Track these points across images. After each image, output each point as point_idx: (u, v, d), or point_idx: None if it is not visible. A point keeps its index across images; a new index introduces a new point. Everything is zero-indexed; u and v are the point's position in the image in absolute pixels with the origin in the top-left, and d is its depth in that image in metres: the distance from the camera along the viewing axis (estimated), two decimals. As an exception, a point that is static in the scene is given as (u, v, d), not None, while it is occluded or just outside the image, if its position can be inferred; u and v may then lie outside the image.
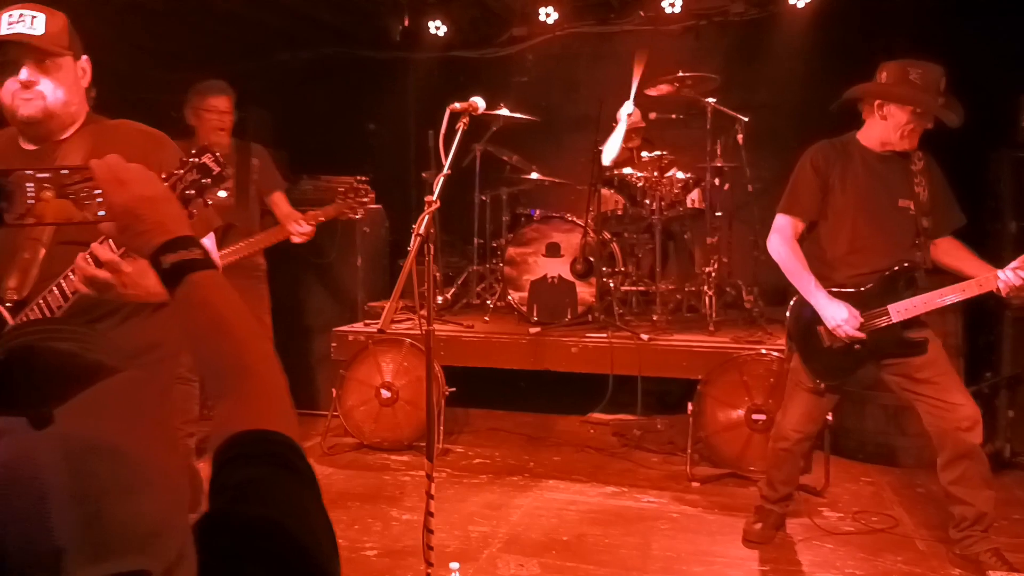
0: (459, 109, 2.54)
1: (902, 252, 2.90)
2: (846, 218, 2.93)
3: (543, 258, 4.92)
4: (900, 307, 2.81)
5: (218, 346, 1.01)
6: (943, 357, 2.88)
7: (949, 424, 2.79)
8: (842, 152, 2.96)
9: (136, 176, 1.11)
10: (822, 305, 2.84)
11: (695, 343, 4.30)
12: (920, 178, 2.91)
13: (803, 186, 2.95)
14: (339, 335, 4.75)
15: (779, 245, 2.97)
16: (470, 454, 4.46)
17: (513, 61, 7.01)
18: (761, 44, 6.20)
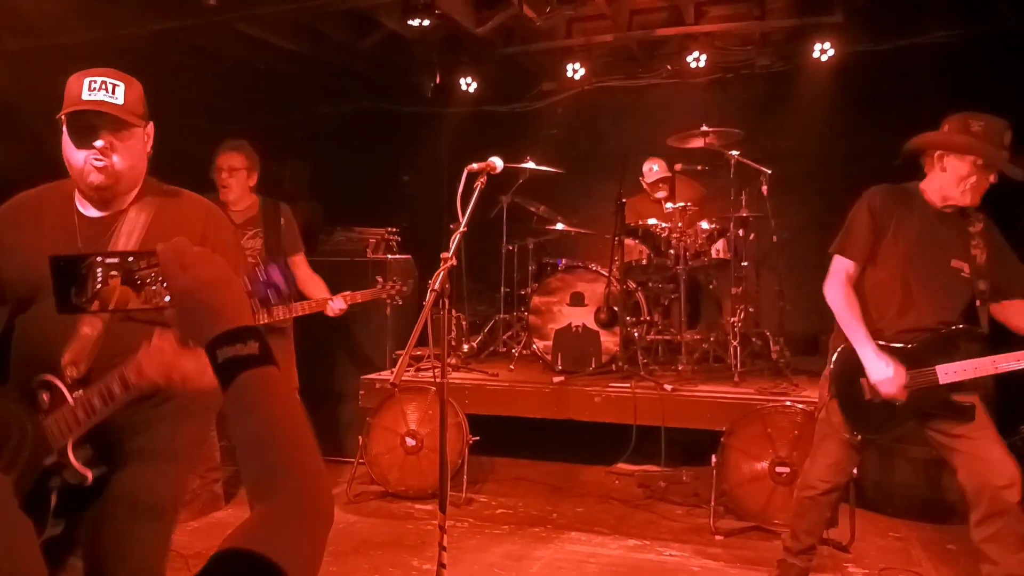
0: (476, 169, 2.64)
1: (949, 313, 2.81)
2: (896, 270, 2.84)
3: (568, 307, 4.99)
4: (949, 369, 2.71)
5: (259, 456, 0.94)
6: (983, 412, 2.79)
7: (986, 481, 2.71)
8: (902, 200, 2.88)
9: (199, 260, 1.06)
10: (869, 359, 2.78)
11: (719, 394, 4.30)
12: (978, 240, 2.80)
13: (858, 226, 2.87)
14: (367, 383, 4.85)
15: (835, 291, 2.88)
16: (493, 504, 4.47)
17: (542, 115, 7.19)
18: (786, 96, 6.28)
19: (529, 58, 6.65)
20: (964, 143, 2.72)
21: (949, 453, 2.83)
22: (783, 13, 5.70)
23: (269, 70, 6.28)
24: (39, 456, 1.70)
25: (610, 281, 4.85)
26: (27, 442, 1.64)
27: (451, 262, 2.37)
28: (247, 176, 4.03)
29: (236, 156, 4.00)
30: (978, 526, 2.78)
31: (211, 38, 5.36)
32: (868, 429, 2.91)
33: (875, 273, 2.89)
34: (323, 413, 5.18)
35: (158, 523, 1.96)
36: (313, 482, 0.94)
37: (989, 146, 2.70)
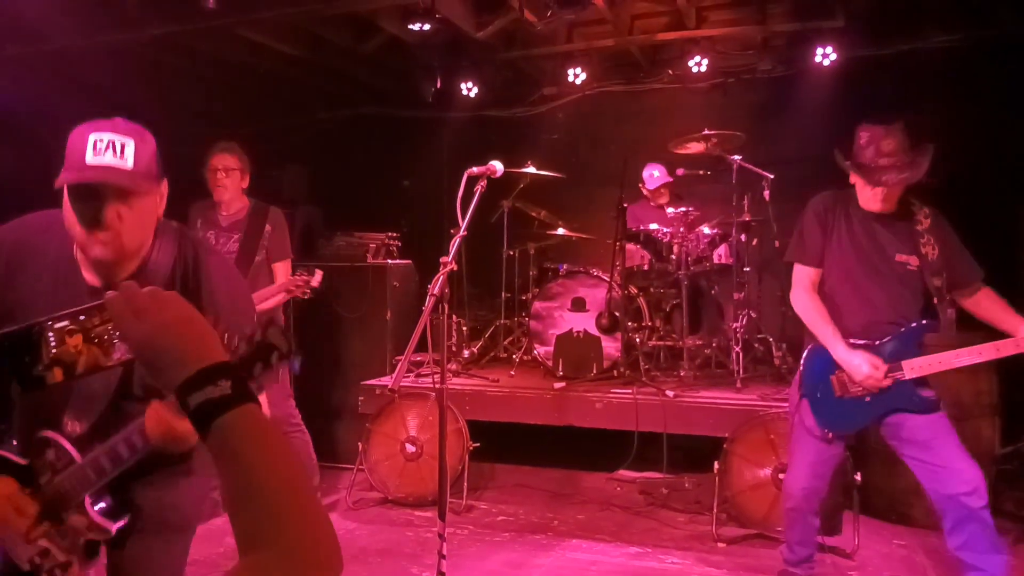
0: (477, 173, 2.62)
1: (905, 308, 2.88)
2: (846, 271, 2.95)
3: (569, 312, 4.96)
4: (915, 364, 2.78)
5: (246, 507, 0.86)
6: (944, 419, 2.84)
7: (949, 489, 2.75)
8: (841, 205, 2.98)
9: (152, 303, 0.96)
10: (843, 355, 2.83)
11: (721, 400, 4.27)
12: (927, 236, 2.88)
13: (808, 234, 2.99)
14: (366, 388, 4.82)
15: (799, 296, 2.99)
16: (494, 511, 4.44)
17: (543, 119, 7.18)
18: (787, 101, 6.25)
19: (530, 63, 6.64)
20: (840, 161, 2.90)
21: (911, 463, 2.87)
22: (784, 17, 5.68)
23: (270, 75, 6.28)
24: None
25: (611, 286, 4.82)
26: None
27: (451, 266, 2.35)
28: (240, 177, 3.99)
29: (229, 157, 3.96)
30: (951, 534, 2.83)
31: (211, 42, 5.36)
32: (838, 426, 2.93)
33: (831, 278, 2.96)
34: (322, 419, 5.15)
35: (182, 537, 1.91)
36: (307, 532, 0.85)
37: (859, 159, 2.83)
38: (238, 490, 0.87)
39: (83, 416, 1.72)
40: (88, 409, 1.72)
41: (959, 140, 5.61)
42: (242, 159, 4.00)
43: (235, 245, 3.97)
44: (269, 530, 0.85)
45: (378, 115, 7.33)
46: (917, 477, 2.89)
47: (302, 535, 0.85)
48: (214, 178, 3.97)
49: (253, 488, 0.87)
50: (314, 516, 0.87)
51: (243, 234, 3.97)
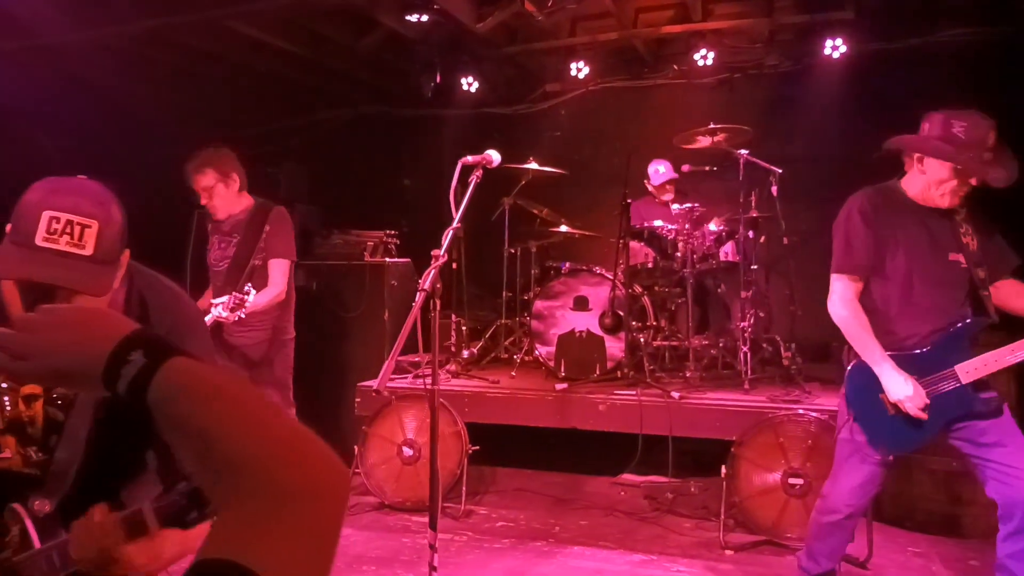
0: (472, 162, 2.50)
1: (958, 309, 2.68)
2: (899, 274, 2.70)
3: (571, 312, 4.83)
4: (969, 367, 2.57)
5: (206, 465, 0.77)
6: (1010, 419, 2.64)
7: (1018, 492, 2.54)
8: (890, 203, 2.73)
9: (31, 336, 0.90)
10: (888, 377, 2.62)
11: (728, 402, 4.12)
12: (966, 227, 2.69)
13: (857, 240, 2.71)
14: (363, 390, 4.69)
15: (840, 308, 2.74)
16: (494, 516, 4.30)
17: (546, 116, 7.06)
18: (795, 96, 6.12)
19: (532, 58, 6.52)
20: (943, 149, 2.57)
21: (978, 464, 2.66)
22: (792, 10, 5.55)
23: (269, 73, 6.18)
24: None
25: (615, 285, 4.68)
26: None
27: (442, 260, 2.22)
28: (225, 187, 3.80)
29: (204, 176, 3.76)
30: (1006, 540, 2.62)
31: (208, 38, 5.25)
32: (898, 446, 2.75)
33: (882, 283, 2.73)
34: (319, 421, 4.96)
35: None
36: (283, 460, 0.75)
37: (967, 152, 2.54)
38: (196, 453, 0.78)
39: (51, 493, 1.52)
40: (55, 487, 1.52)
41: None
42: (220, 168, 3.79)
43: (233, 250, 3.85)
44: (236, 478, 0.74)
45: (379, 114, 7.23)
46: (979, 477, 2.68)
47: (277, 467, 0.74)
48: (202, 201, 3.84)
49: (208, 441, 0.76)
50: (288, 441, 0.77)
51: (241, 237, 3.84)
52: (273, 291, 3.74)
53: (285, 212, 3.94)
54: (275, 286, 3.76)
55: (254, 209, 3.88)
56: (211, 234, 3.95)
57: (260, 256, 3.77)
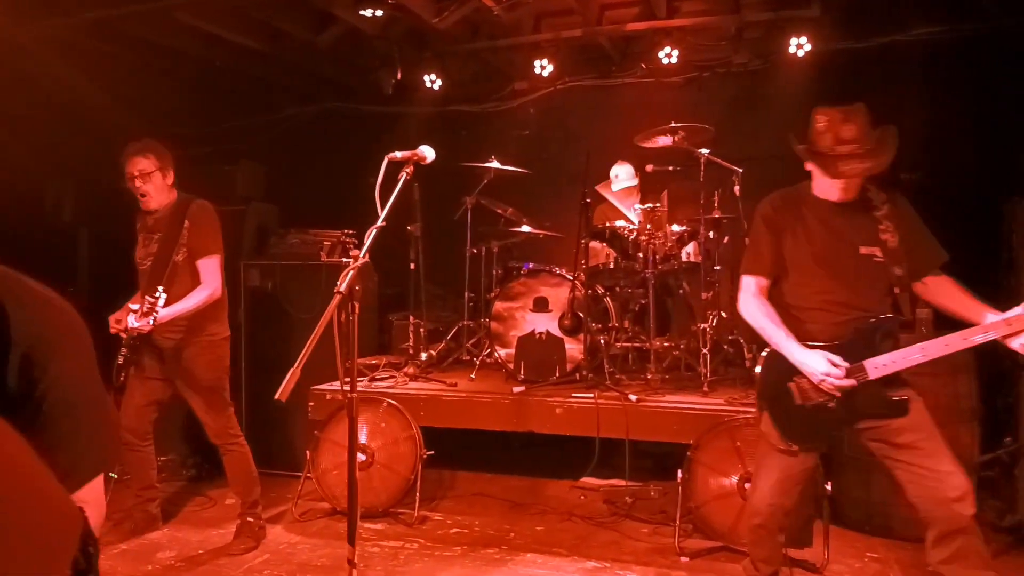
0: (400, 159, 2.39)
1: (873, 303, 2.65)
2: (806, 270, 2.70)
3: (531, 313, 4.74)
4: (878, 363, 2.55)
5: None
6: (927, 420, 2.60)
7: (937, 495, 2.49)
8: (794, 202, 2.76)
9: None
10: (799, 357, 2.58)
11: (686, 405, 4.04)
12: (886, 223, 2.65)
13: (759, 244, 2.77)
14: (316, 394, 4.57)
15: (747, 302, 2.76)
16: (448, 522, 4.20)
17: (514, 115, 6.95)
18: (763, 95, 6.08)
19: (497, 55, 6.42)
20: (803, 153, 2.66)
21: (894, 466, 2.62)
22: (758, 7, 5.48)
23: (228, 69, 6.04)
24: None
25: (574, 285, 4.60)
26: None
27: (362, 261, 2.11)
28: (162, 176, 3.69)
29: (144, 159, 3.64)
30: (935, 546, 2.56)
31: (157, 31, 5.11)
32: (804, 438, 2.69)
33: (791, 280, 2.75)
34: (275, 425, 4.91)
35: None
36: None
37: (818, 149, 2.60)
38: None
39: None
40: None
41: (940, 135, 5.45)
42: (161, 156, 3.68)
43: (155, 247, 3.72)
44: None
45: (344, 111, 7.10)
46: (899, 482, 2.63)
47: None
48: (134, 187, 3.68)
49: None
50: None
51: (163, 233, 3.71)
52: (205, 291, 3.61)
53: (207, 206, 3.78)
54: (207, 286, 3.64)
55: (175, 204, 3.75)
56: (138, 232, 3.82)
57: (181, 252, 3.65)
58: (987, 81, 5.24)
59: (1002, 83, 5.13)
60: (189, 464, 5.06)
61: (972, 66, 5.30)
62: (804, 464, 2.73)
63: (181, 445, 5.04)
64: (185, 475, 5.00)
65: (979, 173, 5.12)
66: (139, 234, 3.84)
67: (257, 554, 3.74)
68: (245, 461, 3.91)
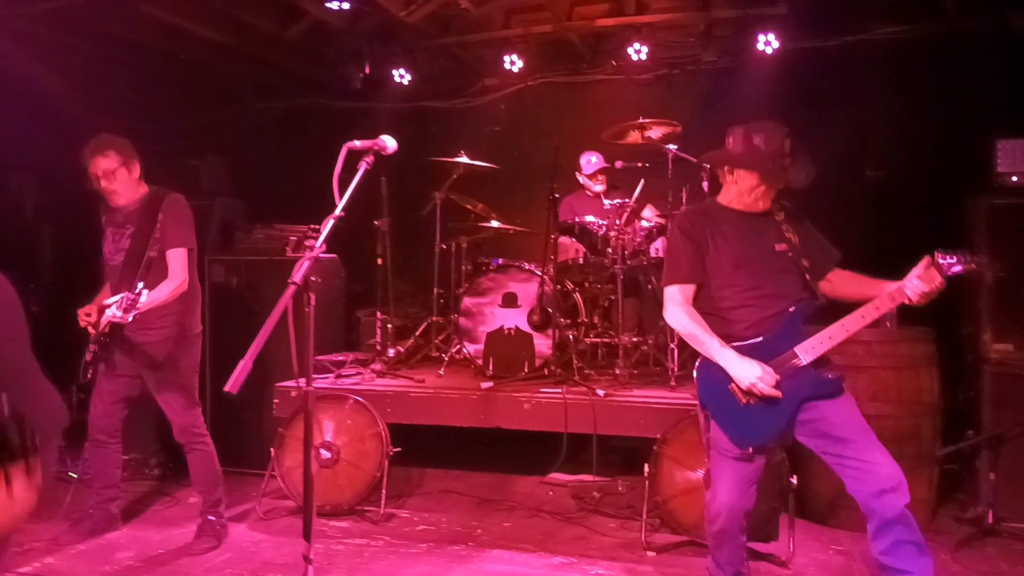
0: (360, 148, 2.35)
1: (794, 292, 2.77)
2: (729, 273, 2.79)
3: (500, 309, 4.72)
4: (807, 346, 2.64)
5: None
6: (857, 412, 2.69)
7: (872, 487, 2.56)
8: (706, 215, 2.90)
9: None
10: (732, 365, 2.64)
11: (653, 399, 4.05)
12: (786, 226, 2.84)
13: (679, 254, 2.86)
14: (281, 391, 4.51)
15: (674, 312, 2.82)
16: (415, 519, 4.17)
17: (485, 111, 6.93)
18: (732, 92, 6.09)
19: (468, 51, 6.40)
20: (746, 160, 2.78)
21: (834, 462, 2.69)
22: (726, 5, 5.51)
23: (194, 63, 5.94)
24: None
25: (543, 281, 4.58)
26: None
27: (317, 251, 2.07)
28: (127, 172, 3.61)
29: (105, 159, 3.55)
30: (875, 538, 2.64)
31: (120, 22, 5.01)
32: (755, 438, 2.70)
33: (714, 284, 2.82)
34: (239, 423, 4.84)
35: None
36: None
37: (768, 160, 2.74)
38: None
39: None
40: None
41: (905, 133, 5.52)
42: (122, 151, 3.59)
43: (127, 242, 3.65)
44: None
45: (314, 106, 7.02)
46: (840, 477, 2.69)
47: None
48: (99, 188, 3.60)
49: None
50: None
51: (135, 227, 3.63)
52: (172, 283, 3.54)
53: (181, 199, 3.72)
54: (174, 277, 3.56)
55: (147, 198, 3.67)
56: (105, 226, 3.74)
57: (156, 247, 3.56)
58: (949, 80, 5.31)
59: (964, 82, 5.21)
60: (153, 463, 4.97)
61: (935, 65, 5.37)
62: (756, 464, 2.75)
63: (145, 443, 4.94)
64: (149, 474, 4.91)
65: (942, 170, 5.18)
66: (107, 228, 3.75)
67: (219, 553, 3.68)
68: (210, 460, 3.84)
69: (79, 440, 4.73)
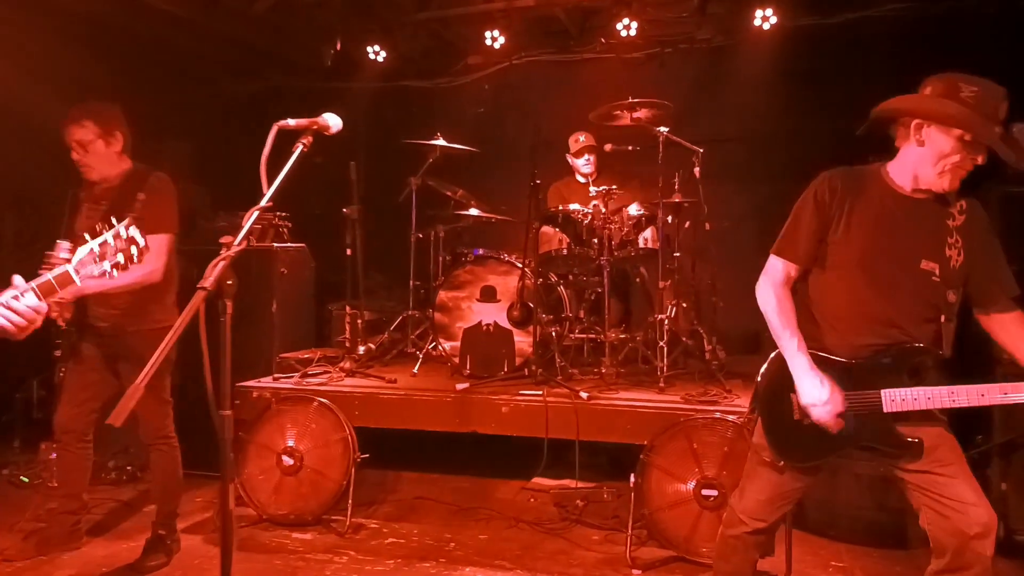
0: (293, 127, 2.03)
1: (915, 328, 2.24)
2: (846, 270, 2.28)
3: (478, 303, 4.42)
4: (896, 395, 2.18)
5: None
6: (948, 444, 2.23)
7: (955, 527, 2.17)
8: (858, 185, 2.29)
9: None
10: (801, 375, 2.23)
11: (640, 403, 3.75)
12: (956, 237, 2.22)
13: (802, 223, 2.33)
14: (242, 391, 4.20)
15: (766, 291, 2.35)
16: (384, 531, 3.87)
17: (469, 91, 6.60)
18: (728, 73, 5.82)
19: (448, 27, 6.06)
20: (952, 112, 2.13)
21: (909, 489, 2.28)
22: (722, -23, 5.18)
23: (156, 40, 5.57)
24: None
25: (524, 273, 4.27)
26: None
27: (236, 249, 1.76)
28: (105, 145, 3.32)
29: (81, 128, 3.28)
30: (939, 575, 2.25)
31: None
32: (796, 455, 2.36)
33: (823, 275, 2.35)
34: (200, 423, 4.51)
35: None
36: None
37: (981, 118, 2.11)
38: None
39: None
40: None
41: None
42: (102, 122, 3.30)
43: (98, 220, 3.32)
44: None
45: (283, 86, 6.66)
46: (911, 502, 2.30)
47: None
48: (75, 158, 3.32)
49: None
50: None
51: (110, 204, 3.31)
52: (142, 270, 3.17)
53: (166, 179, 3.43)
54: (146, 263, 3.23)
55: (128, 174, 3.40)
56: (83, 201, 3.43)
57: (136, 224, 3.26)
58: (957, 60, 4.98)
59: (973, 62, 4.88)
60: (111, 466, 4.66)
61: (942, 44, 5.06)
62: (798, 483, 2.40)
63: (104, 445, 4.63)
64: (105, 478, 4.59)
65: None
66: (84, 203, 3.45)
67: (168, 571, 3.39)
68: (174, 463, 3.54)
69: (38, 441, 4.46)
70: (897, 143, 2.29)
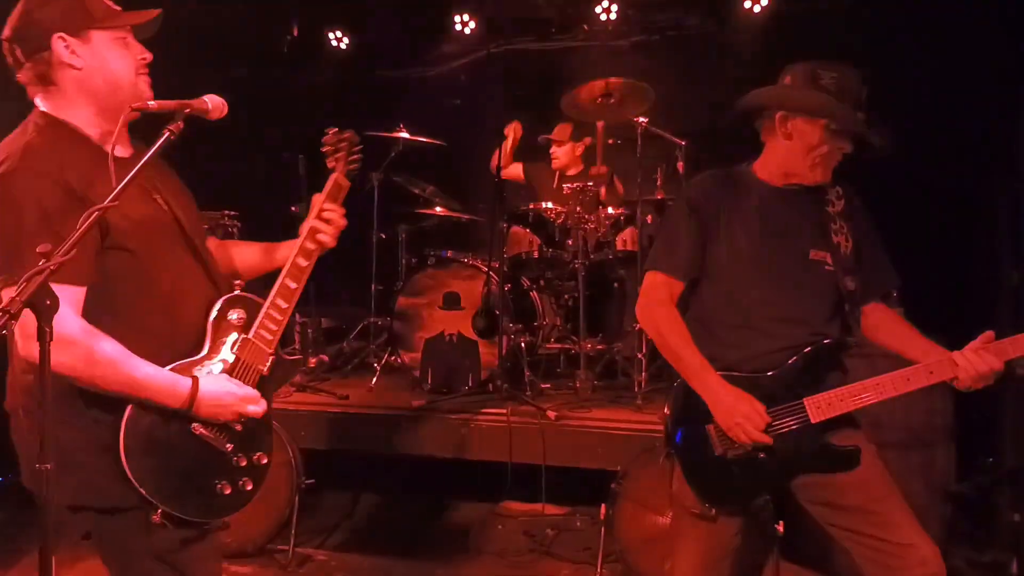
0: (155, 108, 1.65)
1: (820, 322, 2.05)
2: (737, 276, 2.06)
3: (440, 311, 4.05)
4: (820, 401, 1.95)
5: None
6: (880, 475, 1.98)
7: (897, 573, 1.89)
8: (731, 186, 2.13)
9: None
10: (714, 394, 1.96)
11: (613, 424, 3.40)
12: (840, 223, 2.09)
13: (680, 233, 2.11)
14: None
15: (653, 310, 2.08)
16: (332, 564, 3.51)
17: (442, 81, 6.22)
18: (716, 60, 5.45)
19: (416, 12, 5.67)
20: (815, 102, 1.99)
21: (843, 536, 2.00)
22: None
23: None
24: None
25: (488, 278, 3.91)
26: None
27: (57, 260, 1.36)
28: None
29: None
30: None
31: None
32: (726, 497, 2.04)
33: (713, 285, 2.11)
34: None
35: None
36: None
37: (844, 106, 1.98)
38: None
39: None
40: None
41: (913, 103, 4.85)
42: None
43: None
44: None
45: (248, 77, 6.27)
46: (851, 554, 2.01)
47: None
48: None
49: None
50: None
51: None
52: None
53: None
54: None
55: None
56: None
57: None
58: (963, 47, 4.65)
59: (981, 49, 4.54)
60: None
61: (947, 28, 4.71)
62: (730, 530, 2.08)
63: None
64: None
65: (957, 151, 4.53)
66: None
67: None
68: None
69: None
70: (763, 137, 2.15)
